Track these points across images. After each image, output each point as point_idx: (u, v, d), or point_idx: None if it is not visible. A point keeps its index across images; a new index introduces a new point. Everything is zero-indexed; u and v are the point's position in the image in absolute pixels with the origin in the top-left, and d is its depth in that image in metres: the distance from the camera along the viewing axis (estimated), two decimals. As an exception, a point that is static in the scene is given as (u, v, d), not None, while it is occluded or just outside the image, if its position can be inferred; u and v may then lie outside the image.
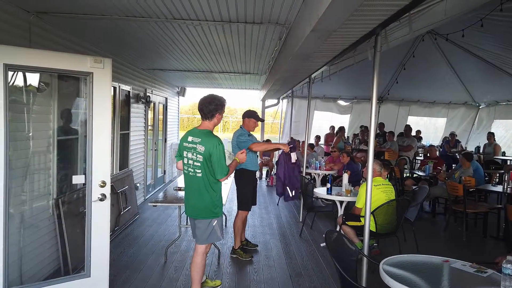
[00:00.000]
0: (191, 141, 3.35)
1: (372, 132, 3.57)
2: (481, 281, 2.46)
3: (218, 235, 3.45)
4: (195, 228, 3.48)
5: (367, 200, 3.65)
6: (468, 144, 12.02)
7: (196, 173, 3.33)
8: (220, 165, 3.27)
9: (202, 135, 3.33)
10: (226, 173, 3.33)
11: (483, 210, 6.12)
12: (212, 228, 3.40)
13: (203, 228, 3.41)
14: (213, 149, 3.24)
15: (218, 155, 3.25)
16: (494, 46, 7.68)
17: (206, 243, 3.49)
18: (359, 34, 3.14)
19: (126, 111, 6.82)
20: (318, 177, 8.03)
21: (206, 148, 3.25)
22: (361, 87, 11.21)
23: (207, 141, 3.28)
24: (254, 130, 4.90)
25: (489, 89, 10.89)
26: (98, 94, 3.39)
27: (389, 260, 2.76)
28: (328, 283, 4.12)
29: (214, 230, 3.41)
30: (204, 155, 3.26)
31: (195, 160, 3.30)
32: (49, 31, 4.06)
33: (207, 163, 3.28)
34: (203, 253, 3.50)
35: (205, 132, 3.36)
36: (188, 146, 3.37)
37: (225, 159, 3.30)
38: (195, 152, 3.30)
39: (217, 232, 3.42)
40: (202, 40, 4.65)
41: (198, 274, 3.49)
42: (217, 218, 3.42)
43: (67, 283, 3.42)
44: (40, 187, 3.93)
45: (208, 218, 3.39)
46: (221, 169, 3.29)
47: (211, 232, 3.40)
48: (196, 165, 3.31)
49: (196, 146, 3.29)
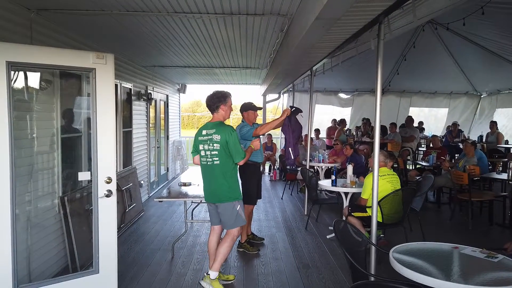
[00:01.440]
0: (206, 134, 3.62)
1: (377, 120, 3.54)
2: (493, 266, 2.45)
3: (243, 218, 3.71)
4: (218, 214, 3.72)
5: (374, 191, 3.64)
6: (471, 134, 11.98)
7: (214, 161, 3.58)
8: (236, 149, 3.55)
9: (216, 126, 3.62)
10: (243, 157, 3.61)
11: (488, 198, 6.11)
12: (237, 211, 3.63)
13: (228, 212, 3.63)
14: (228, 136, 3.53)
15: (234, 141, 3.54)
16: (495, 34, 7.63)
17: (235, 227, 3.67)
18: (362, 22, 3.11)
19: (128, 109, 6.81)
20: (322, 170, 8.02)
21: (222, 136, 3.53)
22: (362, 79, 11.17)
23: (221, 130, 3.57)
24: (256, 121, 4.88)
25: (491, 78, 10.84)
26: (101, 90, 3.37)
27: (398, 248, 2.75)
28: (336, 274, 4.12)
29: (238, 213, 3.64)
30: (221, 143, 3.53)
31: (212, 150, 3.57)
32: (50, 28, 4.04)
33: (224, 150, 3.54)
34: (234, 238, 3.70)
35: (217, 123, 3.65)
36: (203, 139, 3.63)
37: (240, 144, 3.59)
38: (211, 142, 3.57)
39: (241, 214, 3.67)
40: (203, 33, 4.63)
41: (223, 254, 3.65)
42: (239, 201, 3.67)
43: (76, 280, 3.41)
44: (45, 185, 3.92)
45: (231, 201, 3.62)
46: (238, 153, 3.57)
47: (236, 215, 3.64)
48: (213, 154, 3.57)
49: (212, 136, 3.58)
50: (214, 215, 3.80)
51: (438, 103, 12.72)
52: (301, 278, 4.03)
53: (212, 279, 3.62)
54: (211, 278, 3.62)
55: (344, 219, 4.68)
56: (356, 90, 12.43)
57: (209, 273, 3.63)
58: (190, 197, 4.66)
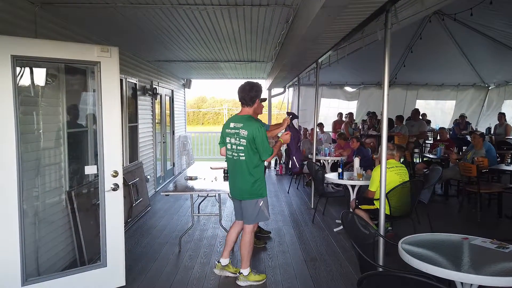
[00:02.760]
0: (234, 127, 3.53)
1: (385, 112, 3.50)
2: (504, 257, 2.42)
3: (266, 214, 3.65)
4: (241, 210, 3.68)
5: (382, 183, 3.60)
6: (479, 126, 11.85)
7: (240, 156, 3.51)
8: (264, 146, 3.44)
9: (244, 120, 3.51)
10: (270, 154, 3.49)
11: (497, 190, 6.04)
12: (259, 208, 3.58)
13: (250, 209, 3.59)
14: (256, 132, 3.41)
15: (261, 137, 3.42)
16: (503, 24, 7.51)
17: (254, 222, 3.67)
18: (369, 10, 3.07)
19: (133, 104, 6.81)
20: (328, 163, 7.98)
21: (249, 132, 3.42)
22: (368, 72, 11.07)
23: (249, 125, 3.45)
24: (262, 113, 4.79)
25: (499, 69, 10.69)
26: (107, 83, 3.37)
27: (407, 239, 2.72)
28: (344, 267, 4.10)
29: (261, 210, 3.60)
30: (248, 139, 3.43)
31: (239, 145, 3.49)
32: (54, 22, 4.03)
33: (250, 146, 3.45)
34: (251, 231, 3.68)
35: (246, 117, 3.54)
36: (230, 132, 3.55)
37: (267, 140, 3.47)
38: (238, 136, 3.48)
39: (264, 211, 3.62)
40: (207, 26, 4.59)
41: (248, 252, 3.69)
42: (263, 199, 3.61)
43: (84, 273, 3.43)
44: (52, 180, 3.93)
45: (254, 199, 3.56)
46: (265, 150, 3.46)
47: (258, 212, 3.59)
48: (239, 149, 3.49)
49: (239, 131, 3.48)
50: (238, 210, 3.78)
51: (445, 95, 12.58)
52: (309, 271, 4.02)
53: (246, 276, 3.69)
54: (245, 274, 3.69)
55: (351, 211, 4.65)
56: (362, 83, 12.34)
57: (242, 271, 3.70)
58: (197, 191, 4.66)
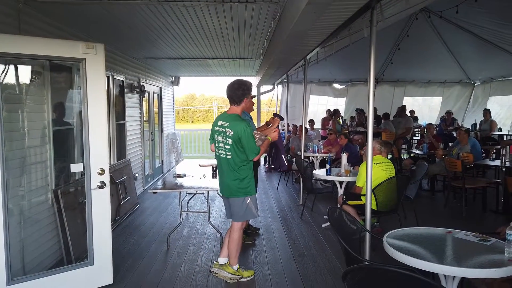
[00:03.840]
0: (221, 125, 3.54)
1: (371, 108, 3.54)
2: (486, 249, 2.47)
3: (254, 212, 3.67)
4: (230, 207, 3.70)
5: (368, 179, 3.65)
6: (464, 122, 12.04)
7: (227, 155, 3.53)
8: (250, 146, 3.45)
9: (231, 119, 3.51)
10: (257, 153, 3.50)
11: (481, 185, 6.15)
12: (247, 205, 3.60)
13: (238, 206, 3.60)
14: (241, 132, 3.41)
15: (247, 138, 3.42)
16: (488, 21, 7.63)
17: (243, 220, 3.69)
18: (354, 7, 3.09)
19: (121, 101, 6.76)
20: (317, 160, 8.04)
21: (234, 131, 3.43)
22: (356, 69, 11.14)
23: (235, 125, 3.45)
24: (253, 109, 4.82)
25: (484, 66, 10.87)
26: (92, 80, 3.34)
27: (392, 234, 2.76)
28: (331, 262, 4.14)
29: (248, 208, 3.62)
30: (233, 138, 3.44)
31: (225, 143, 3.51)
32: (39, 19, 3.97)
33: (236, 146, 3.46)
34: (239, 229, 3.69)
35: (233, 117, 3.53)
36: (218, 130, 3.58)
37: (254, 140, 3.47)
38: (225, 136, 3.50)
39: (252, 209, 3.64)
40: (195, 23, 4.58)
41: (235, 249, 3.70)
42: (251, 196, 3.63)
43: (71, 271, 3.41)
44: (38, 178, 3.89)
45: (242, 196, 3.59)
46: (252, 150, 3.47)
47: (246, 209, 3.61)
48: (226, 148, 3.51)
49: (225, 130, 3.49)
50: (228, 208, 3.78)
51: (432, 92, 12.75)
52: (297, 267, 4.05)
53: (236, 270, 3.72)
54: (235, 269, 3.72)
55: (339, 207, 4.69)
56: (350, 80, 12.42)
57: (233, 267, 3.72)
58: (185, 188, 4.66)
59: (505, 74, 10.79)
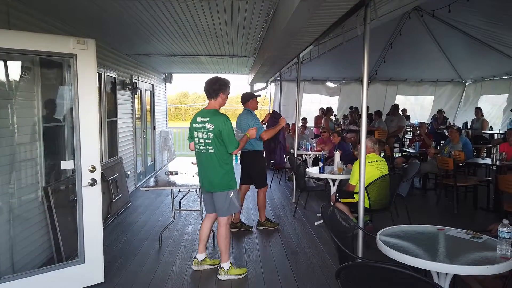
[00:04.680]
0: (200, 121, 3.56)
1: (364, 106, 3.54)
2: (478, 247, 2.48)
3: (237, 205, 3.71)
4: (213, 202, 3.71)
5: (361, 177, 3.65)
6: (456, 121, 12.15)
7: (208, 150, 3.54)
8: (230, 139, 3.50)
9: (210, 114, 3.55)
10: (237, 146, 3.56)
11: (472, 183, 6.21)
12: (230, 199, 3.61)
13: (221, 201, 3.62)
14: (222, 126, 3.46)
15: (228, 131, 3.48)
16: (480, 21, 7.69)
17: (228, 214, 3.69)
18: (348, 4, 3.08)
19: (112, 98, 6.68)
20: (310, 158, 8.04)
21: (215, 125, 3.47)
22: (349, 68, 11.18)
23: (215, 119, 3.49)
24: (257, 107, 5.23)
25: (475, 65, 10.97)
26: (83, 76, 3.29)
27: (385, 231, 2.77)
28: (324, 260, 4.15)
29: (232, 201, 3.64)
30: (214, 132, 3.47)
31: (206, 138, 3.52)
32: (29, 14, 3.90)
33: (217, 140, 3.49)
34: (226, 224, 3.71)
35: (212, 111, 3.57)
36: (197, 127, 3.58)
37: (234, 134, 3.54)
38: (205, 130, 3.52)
39: (235, 202, 3.66)
40: (188, 19, 4.53)
41: (225, 245, 3.70)
42: (233, 190, 3.65)
43: (62, 270, 3.36)
44: (28, 176, 3.83)
45: (225, 190, 3.61)
46: (232, 143, 3.52)
47: (230, 203, 3.63)
48: (208, 142, 3.53)
49: (206, 125, 3.51)
50: (208, 203, 3.80)
51: (424, 91, 12.84)
52: (290, 265, 4.04)
53: (227, 270, 3.69)
54: (226, 269, 3.69)
55: (332, 204, 4.69)
56: (343, 79, 12.45)
57: (222, 266, 3.71)
58: (178, 186, 4.62)
59: (496, 74, 10.89)
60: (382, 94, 12.53)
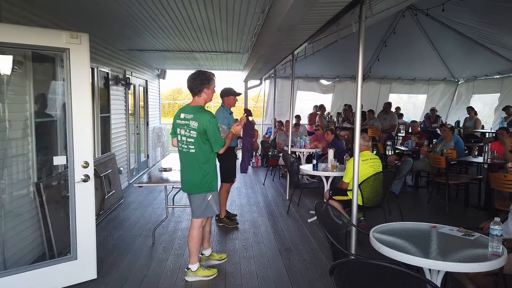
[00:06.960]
0: (184, 118, 3.38)
1: (358, 103, 3.55)
2: (470, 244, 2.51)
3: (214, 209, 3.54)
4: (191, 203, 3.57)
5: (355, 175, 3.66)
6: (448, 119, 12.24)
7: (190, 149, 3.37)
8: (215, 138, 3.33)
9: (194, 111, 3.35)
10: (222, 145, 3.39)
11: (464, 181, 6.26)
12: (207, 202, 3.47)
13: (198, 203, 3.48)
14: (207, 124, 3.27)
15: (213, 130, 3.30)
16: (473, 20, 7.74)
17: (202, 217, 3.55)
18: (344, 1, 3.08)
19: (105, 94, 6.63)
20: (303, 155, 8.06)
21: (199, 123, 3.28)
22: (343, 65, 11.19)
23: (199, 116, 3.29)
24: (235, 105, 5.08)
25: (468, 64, 11.04)
26: (76, 71, 3.26)
27: (378, 228, 2.78)
28: (317, 256, 4.16)
29: (209, 204, 3.48)
30: (198, 131, 3.29)
31: (188, 137, 3.34)
32: (21, 7, 3.85)
33: (201, 138, 3.31)
34: (199, 226, 3.56)
35: (197, 108, 3.37)
36: (180, 123, 3.40)
37: (219, 132, 3.37)
38: (188, 128, 3.33)
39: (212, 206, 3.50)
40: (182, 14, 4.50)
41: (195, 247, 3.57)
42: (212, 193, 3.49)
43: (54, 266, 3.34)
44: (19, 171, 3.78)
45: (203, 193, 3.45)
46: (217, 142, 3.35)
47: (206, 206, 3.48)
48: (189, 141, 3.35)
49: (189, 122, 3.32)
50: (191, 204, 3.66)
51: (417, 89, 12.91)
52: (283, 261, 4.05)
53: (194, 271, 3.57)
54: (193, 270, 3.57)
55: (325, 201, 4.71)
56: (337, 76, 12.48)
57: (190, 267, 3.59)
58: (171, 182, 4.60)
59: (488, 73, 10.98)
60: (376, 92, 12.58)
